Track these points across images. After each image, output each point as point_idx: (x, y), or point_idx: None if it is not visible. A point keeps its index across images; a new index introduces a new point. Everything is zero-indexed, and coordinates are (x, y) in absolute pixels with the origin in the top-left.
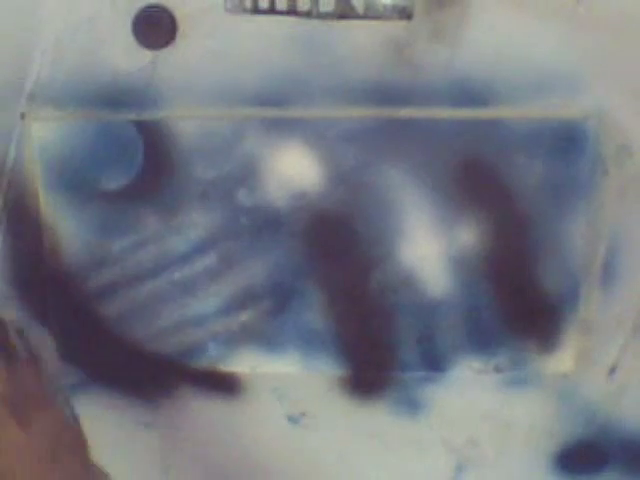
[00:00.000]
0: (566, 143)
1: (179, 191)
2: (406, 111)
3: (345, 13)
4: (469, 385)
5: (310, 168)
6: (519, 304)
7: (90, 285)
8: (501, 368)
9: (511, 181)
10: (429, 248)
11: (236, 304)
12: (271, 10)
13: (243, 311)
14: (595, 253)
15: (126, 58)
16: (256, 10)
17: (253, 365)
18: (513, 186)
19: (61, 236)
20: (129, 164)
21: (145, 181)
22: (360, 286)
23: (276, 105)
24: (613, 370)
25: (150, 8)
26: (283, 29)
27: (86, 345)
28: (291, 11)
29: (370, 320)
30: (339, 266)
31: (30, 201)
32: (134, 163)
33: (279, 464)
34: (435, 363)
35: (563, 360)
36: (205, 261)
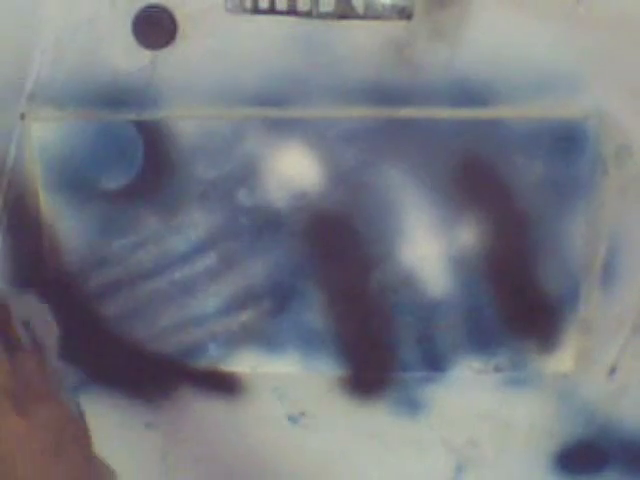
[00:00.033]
0: (566, 143)
1: (179, 191)
2: (406, 111)
3: (345, 13)
4: (469, 385)
5: (310, 168)
6: (519, 304)
7: (90, 285)
8: (501, 368)
9: (511, 181)
10: (429, 248)
11: (236, 304)
12: (271, 10)
13: (243, 311)
14: (595, 253)
15: (126, 58)
16: (256, 10)
17: (253, 365)
18: (513, 186)
19: (61, 236)
20: (129, 164)
21: (145, 181)
22: (360, 286)
23: (276, 105)
24: (613, 370)
25: (150, 8)
26: (283, 29)
27: (86, 345)
28: (291, 11)
29: (370, 320)
30: (339, 266)
31: (30, 201)
32: (134, 163)
33: (279, 463)
34: (435, 363)
35: (563, 360)
36: (205, 261)
